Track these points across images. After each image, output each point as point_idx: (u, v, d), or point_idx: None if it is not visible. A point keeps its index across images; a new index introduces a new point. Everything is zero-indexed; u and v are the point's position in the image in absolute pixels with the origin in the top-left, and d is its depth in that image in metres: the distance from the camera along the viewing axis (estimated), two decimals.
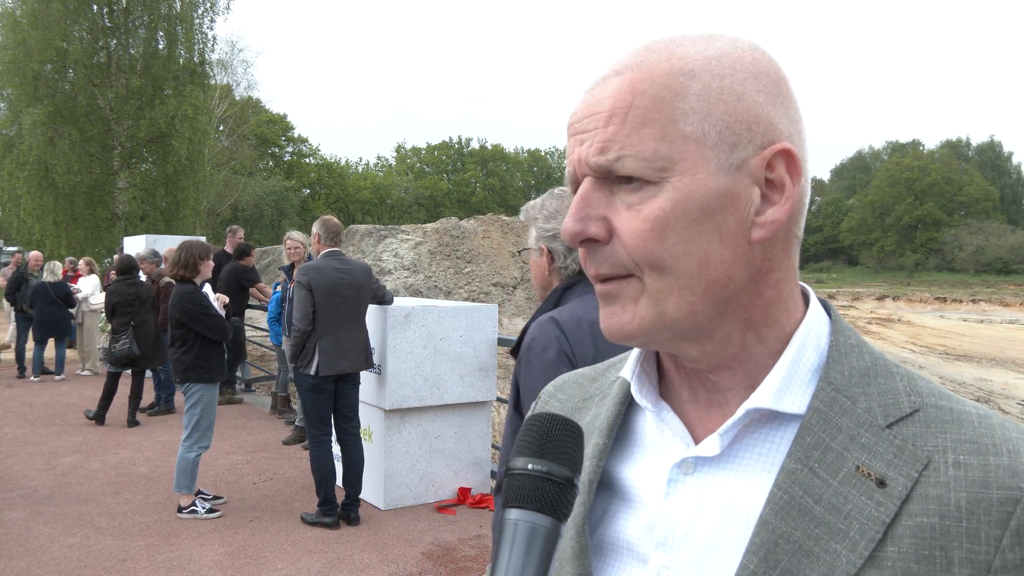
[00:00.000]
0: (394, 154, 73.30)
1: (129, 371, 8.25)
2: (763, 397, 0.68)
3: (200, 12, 23.48)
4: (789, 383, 0.69)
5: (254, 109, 42.19)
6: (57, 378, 11.35)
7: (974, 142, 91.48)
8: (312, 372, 5.03)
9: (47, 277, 11.32)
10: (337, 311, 5.08)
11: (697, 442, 0.72)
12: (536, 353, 1.88)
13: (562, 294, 2.06)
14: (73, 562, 4.60)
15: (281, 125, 55.03)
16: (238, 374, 10.16)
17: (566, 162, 0.72)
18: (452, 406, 5.74)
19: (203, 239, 6.09)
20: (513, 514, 0.62)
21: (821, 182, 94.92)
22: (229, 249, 9.34)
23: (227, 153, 36.56)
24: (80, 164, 20.97)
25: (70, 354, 12.64)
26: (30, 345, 11.79)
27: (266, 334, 11.06)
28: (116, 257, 9.46)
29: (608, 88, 0.68)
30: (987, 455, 0.63)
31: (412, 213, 58.91)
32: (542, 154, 75.62)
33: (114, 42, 22.48)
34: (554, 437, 0.65)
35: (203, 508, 5.40)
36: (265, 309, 8.91)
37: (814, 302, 0.75)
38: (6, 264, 15.63)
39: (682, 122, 0.65)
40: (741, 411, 0.68)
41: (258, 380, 10.88)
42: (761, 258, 0.69)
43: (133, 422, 8.18)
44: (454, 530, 5.17)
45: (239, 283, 8.79)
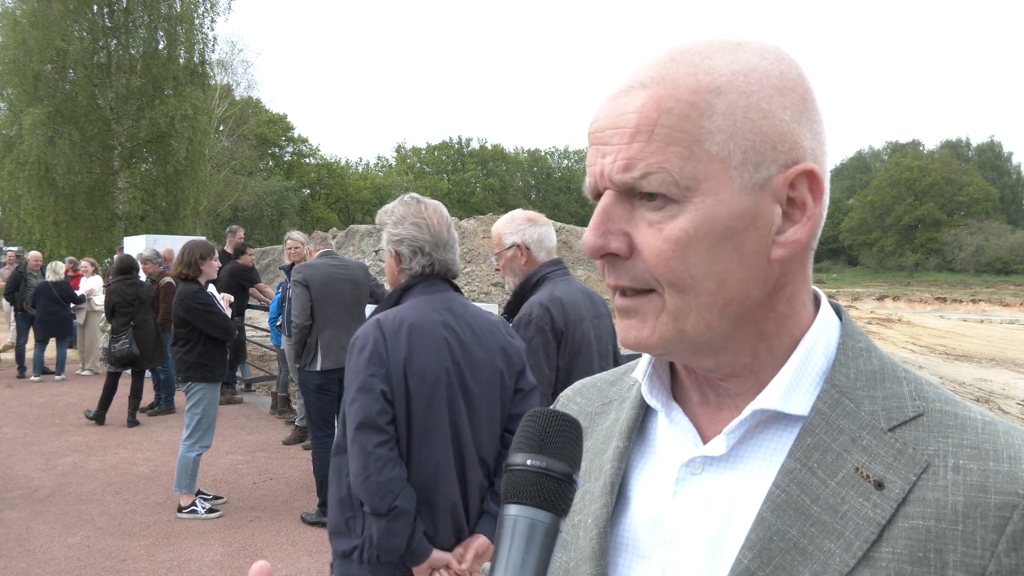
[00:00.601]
0: (394, 154, 73.40)
1: (129, 371, 8.26)
2: (769, 398, 0.69)
3: (200, 12, 23.48)
4: (796, 385, 0.70)
5: (254, 109, 42.19)
6: (57, 378, 11.36)
7: (974, 142, 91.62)
8: (318, 368, 5.02)
9: (50, 277, 11.32)
10: (335, 306, 5.08)
11: (706, 442, 0.73)
12: (356, 351, 2.11)
13: (402, 294, 2.26)
14: (73, 562, 4.60)
15: (281, 125, 55.02)
16: (238, 374, 10.17)
17: (588, 170, 0.71)
18: None
19: (203, 239, 6.09)
20: (512, 510, 0.62)
21: None
22: (229, 249, 9.35)
23: (227, 153, 36.56)
24: (80, 164, 20.97)
25: (70, 354, 12.65)
26: (30, 345, 11.80)
27: (266, 334, 11.08)
28: (116, 257, 9.47)
29: (633, 101, 0.67)
30: (987, 460, 0.63)
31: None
32: (542, 154, 75.61)
33: (114, 42, 22.48)
34: (553, 433, 0.65)
35: (203, 508, 5.40)
36: (265, 309, 8.91)
37: (825, 306, 0.75)
38: (4, 264, 15.62)
39: (708, 141, 0.65)
40: (747, 411, 0.69)
41: (258, 380, 10.88)
42: (778, 275, 0.69)
43: (133, 422, 8.19)
44: None
45: (239, 283, 8.79)
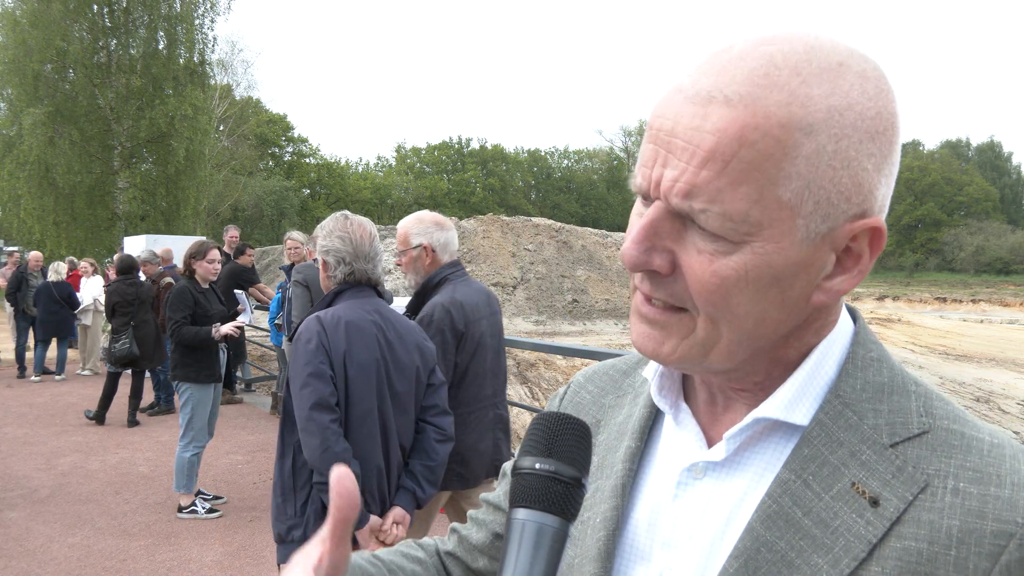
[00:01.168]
0: (394, 154, 73.36)
1: (129, 371, 8.26)
2: (772, 407, 0.68)
3: (200, 12, 23.48)
4: (802, 395, 0.68)
5: (254, 109, 42.20)
6: (57, 378, 11.36)
7: (974, 142, 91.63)
8: None
9: (51, 277, 11.32)
10: None
11: (711, 446, 0.73)
12: (302, 343, 2.46)
13: (334, 297, 2.58)
14: (73, 562, 4.60)
15: (281, 125, 55.03)
16: (238, 374, 10.16)
17: (641, 165, 0.65)
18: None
19: (203, 239, 6.09)
20: (520, 514, 0.62)
21: None
22: (228, 249, 9.35)
23: (227, 153, 36.57)
24: (80, 164, 20.98)
25: (70, 354, 12.65)
26: (30, 344, 11.80)
27: (266, 334, 11.06)
28: (116, 257, 9.46)
29: (714, 119, 0.59)
30: (989, 485, 0.61)
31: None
32: (542, 154, 75.59)
33: (114, 42, 22.48)
34: (562, 436, 0.64)
35: (203, 508, 5.40)
36: (266, 309, 8.91)
37: (842, 312, 0.72)
38: (5, 264, 15.62)
39: (782, 187, 0.60)
40: (748, 419, 0.68)
41: (258, 380, 10.88)
42: (812, 314, 0.67)
43: (133, 422, 8.19)
44: None
45: (238, 283, 8.80)
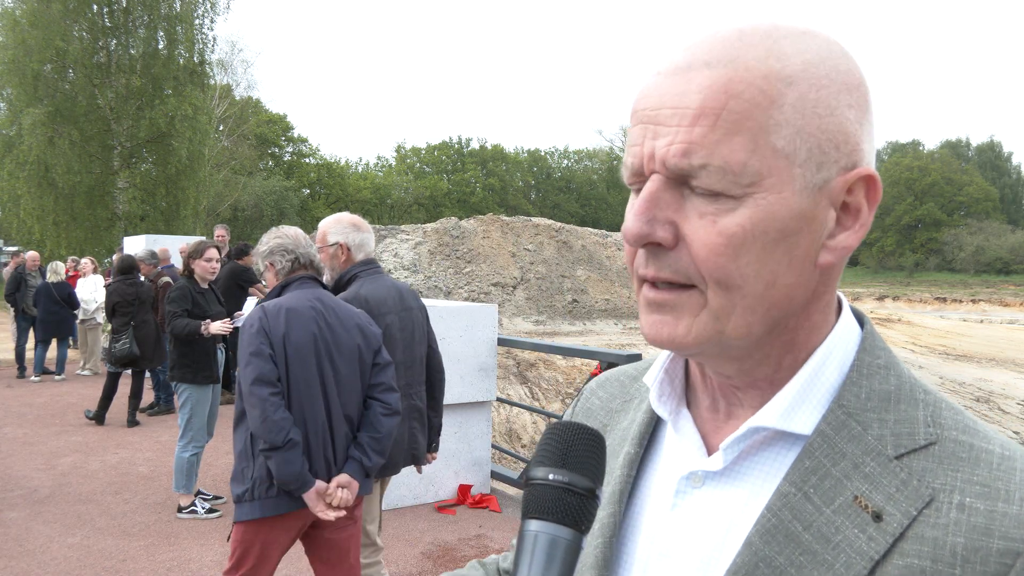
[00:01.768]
0: (394, 154, 73.33)
1: (129, 371, 8.26)
2: (769, 416, 0.66)
3: (200, 12, 23.52)
4: (801, 402, 0.66)
5: (254, 109, 42.20)
6: (57, 378, 11.35)
7: (974, 142, 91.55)
8: None
9: (50, 278, 11.32)
10: None
11: (711, 454, 0.71)
12: (246, 328, 2.82)
13: (281, 289, 2.96)
14: (73, 562, 4.60)
15: (281, 125, 55.01)
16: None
17: (629, 151, 0.65)
18: (452, 406, 5.73)
19: (203, 239, 6.09)
20: (533, 525, 0.60)
21: None
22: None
23: (227, 153, 36.57)
24: (80, 164, 21.00)
25: (70, 354, 12.64)
26: (30, 345, 11.79)
27: None
28: (116, 257, 9.46)
29: (697, 80, 0.61)
30: (996, 500, 0.59)
31: (412, 213, 58.90)
32: (542, 154, 75.56)
33: (114, 42, 22.50)
34: (576, 447, 0.63)
35: (203, 508, 5.40)
36: None
37: (845, 314, 0.70)
38: (7, 264, 15.63)
39: (775, 134, 0.60)
40: (744, 428, 0.66)
41: None
42: (819, 282, 0.66)
43: (133, 422, 8.18)
44: (454, 530, 5.16)
45: (238, 283, 8.81)
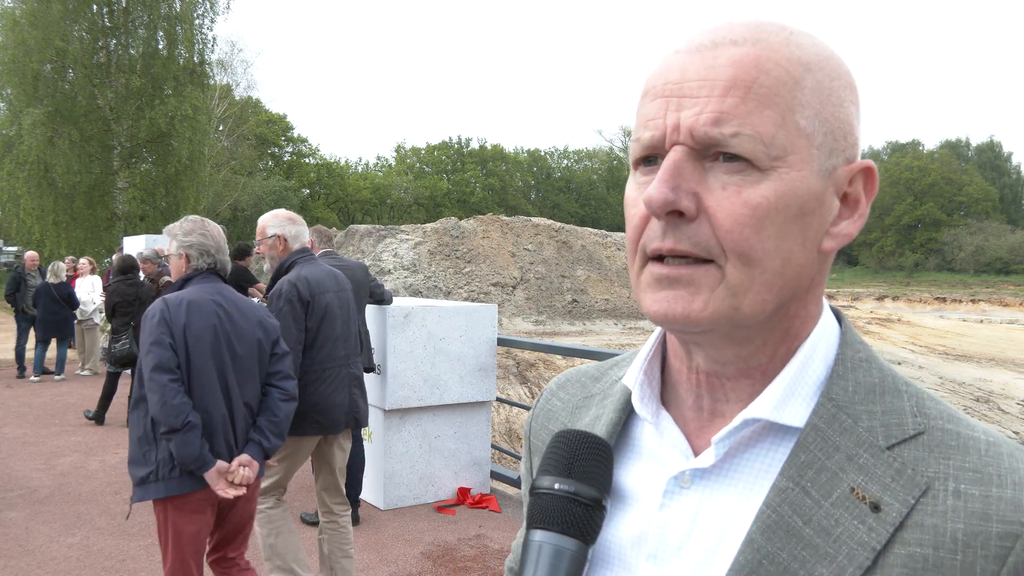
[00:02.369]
0: (394, 154, 73.32)
1: (129, 371, 8.26)
2: (762, 407, 0.66)
3: (200, 12, 23.49)
4: (792, 394, 0.66)
5: (254, 109, 42.17)
6: (57, 378, 11.35)
7: (974, 142, 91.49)
8: None
9: (50, 278, 11.32)
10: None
11: (696, 454, 0.70)
12: (148, 319, 2.95)
13: (184, 283, 3.11)
14: (73, 562, 4.60)
15: (281, 125, 54.99)
16: None
17: (647, 125, 0.65)
18: (452, 406, 5.74)
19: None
20: (538, 535, 0.60)
21: None
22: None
23: (227, 153, 36.56)
24: (80, 164, 20.98)
25: (70, 354, 12.64)
26: (30, 345, 11.79)
27: None
28: (115, 257, 9.45)
29: (727, 55, 0.62)
30: (990, 486, 0.60)
31: (412, 213, 58.89)
32: (542, 154, 75.52)
33: (114, 42, 22.49)
34: (582, 456, 0.62)
35: None
36: None
37: (826, 310, 0.72)
38: (8, 263, 15.63)
39: (799, 113, 0.62)
40: (737, 420, 0.66)
41: None
42: (817, 270, 0.67)
43: None
44: (454, 530, 5.17)
45: (238, 283, 8.81)
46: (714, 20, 0.67)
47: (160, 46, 22.77)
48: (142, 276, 8.66)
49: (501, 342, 6.07)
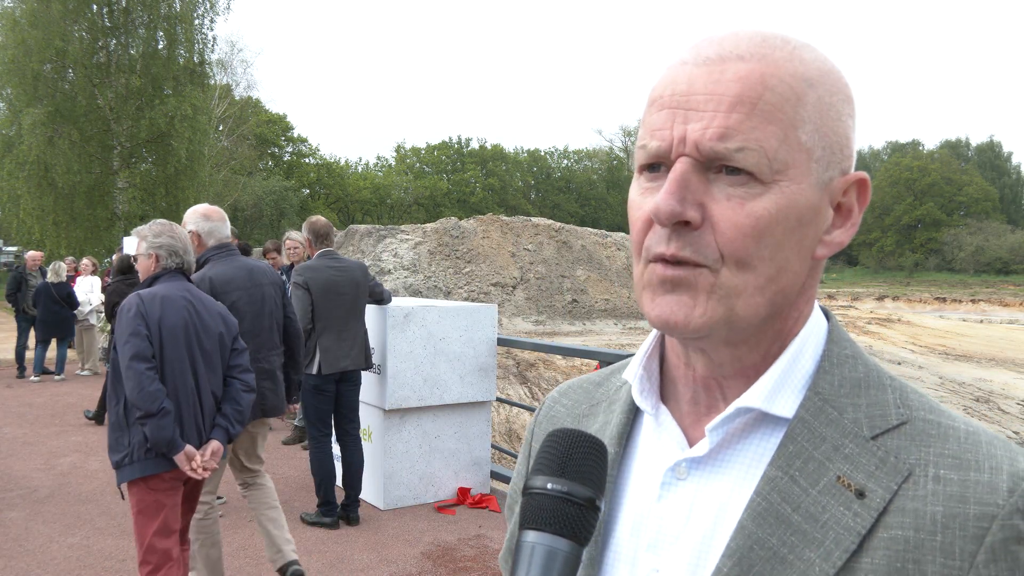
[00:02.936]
0: (394, 154, 73.28)
1: None
2: (754, 397, 0.68)
3: (200, 12, 23.49)
4: (782, 386, 0.69)
5: (254, 109, 42.17)
6: (57, 378, 11.35)
7: (974, 142, 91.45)
8: (315, 371, 5.02)
9: (51, 278, 11.31)
10: (336, 309, 5.07)
11: (692, 445, 0.72)
12: (124, 312, 3.12)
13: (153, 280, 3.32)
14: (73, 562, 4.60)
15: (281, 125, 54.97)
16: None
17: (653, 135, 0.67)
18: (452, 406, 5.74)
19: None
20: (530, 536, 0.59)
21: None
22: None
23: (227, 153, 36.55)
24: (80, 164, 20.96)
25: (70, 354, 12.64)
26: (30, 345, 11.79)
27: None
28: (115, 257, 9.44)
29: (732, 71, 0.64)
30: (968, 471, 0.63)
31: (412, 213, 58.88)
32: (542, 154, 75.52)
33: (114, 42, 22.48)
34: (576, 455, 0.62)
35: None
36: None
37: (815, 309, 0.74)
38: (8, 263, 15.63)
39: (800, 129, 0.65)
40: (731, 408, 0.68)
41: None
42: (809, 275, 0.70)
43: None
44: (454, 530, 5.17)
45: None
46: (720, 32, 0.69)
47: (160, 46, 22.76)
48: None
49: (501, 342, 6.07)
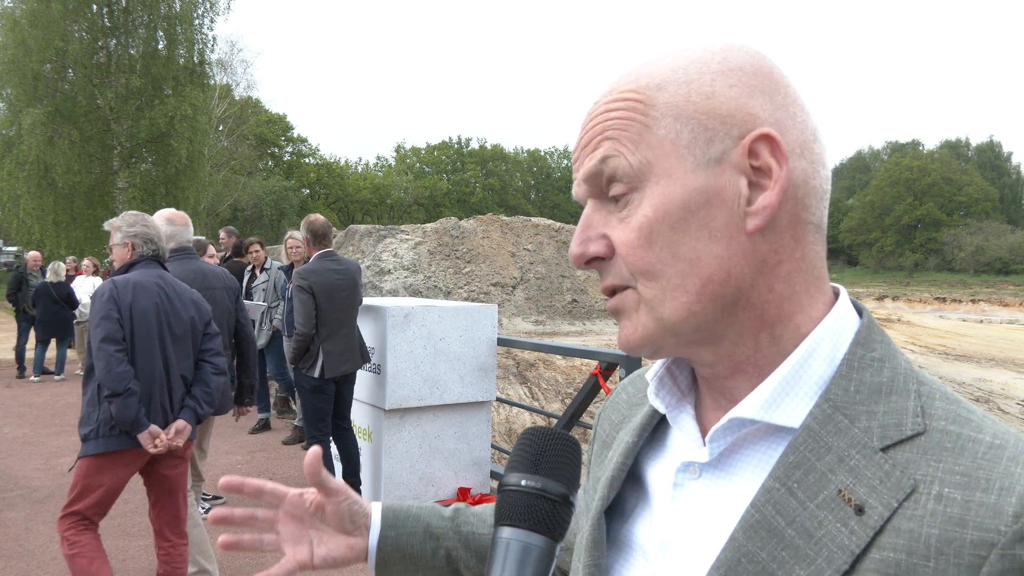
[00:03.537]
0: (394, 154, 73.30)
1: None
2: (748, 407, 0.65)
3: (200, 12, 23.50)
4: (786, 393, 0.66)
5: (254, 109, 42.17)
6: (57, 378, 11.35)
7: (974, 142, 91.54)
8: (317, 375, 5.07)
9: (50, 277, 11.32)
10: (336, 312, 5.12)
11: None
12: (98, 296, 3.29)
13: (128, 267, 3.45)
14: None
15: (281, 125, 55.00)
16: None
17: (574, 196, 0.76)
18: (452, 406, 5.74)
19: (203, 238, 6.08)
20: (505, 532, 0.60)
21: None
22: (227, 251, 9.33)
23: (227, 153, 36.56)
24: (80, 164, 20.97)
25: (70, 354, 12.64)
26: (30, 345, 11.79)
27: None
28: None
29: (589, 124, 0.71)
30: (975, 490, 0.57)
31: (412, 213, 58.89)
32: (542, 154, 75.55)
33: (114, 42, 22.49)
34: (549, 452, 0.62)
35: (203, 508, 5.40)
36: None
37: (842, 304, 0.70)
38: (8, 263, 15.65)
39: (656, 127, 0.67)
40: (724, 419, 0.66)
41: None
42: (766, 250, 0.66)
43: None
44: None
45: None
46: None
47: (160, 46, 22.78)
48: None
49: (501, 342, 6.07)
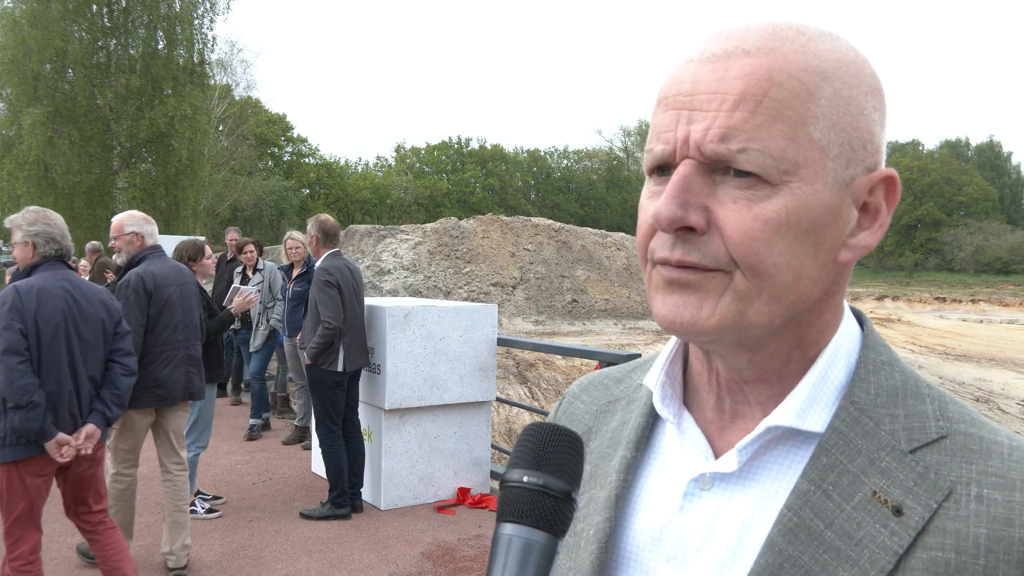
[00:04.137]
0: (393, 154, 73.30)
1: None
2: (784, 415, 0.65)
3: (200, 12, 23.52)
4: (814, 400, 0.66)
5: (253, 109, 42.18)
6: None
7: (973, 142, 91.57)
8: (338, 369, 5.22)
9: None
10: (356, 309, 5.34)
11: (717, 456, 0.70)
12: (0, 305, 3.18)
13: (31, 270, 3.33)
14: (73, 562, 4.60)
15: (281, 125, 54.99)
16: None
17: (658, 137, 0.65)
18: (452, 406, 5.74)
19: (202, 239, 6.08)
20: (507, 529, 0.59)
21: None
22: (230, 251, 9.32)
23: (227, 153, 36.56)
24: (80, 164, 20.99)
25: None
26: None
27: None
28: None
29: (737, 67, 0.61)
30: (1013, 491, 0.60)
31: (412, 213, 58.88)
32: (542, 154, 75.53)
33: (114, 42, 22.51)
34: (552, 448, 0.62)
35: (202, 508, 5.39)
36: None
37: (847, 312, 0.71)
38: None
39: (812, 126, 0.61)
40: (761, 427, 0.66)
41: None
42: (836, 280, 0.66)
43: None
44: (454, 530, 5.16)
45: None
46: (730, 25, 0.65)
47: (160, 46, 22.79)
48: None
49: (501, 342, 6.07)
